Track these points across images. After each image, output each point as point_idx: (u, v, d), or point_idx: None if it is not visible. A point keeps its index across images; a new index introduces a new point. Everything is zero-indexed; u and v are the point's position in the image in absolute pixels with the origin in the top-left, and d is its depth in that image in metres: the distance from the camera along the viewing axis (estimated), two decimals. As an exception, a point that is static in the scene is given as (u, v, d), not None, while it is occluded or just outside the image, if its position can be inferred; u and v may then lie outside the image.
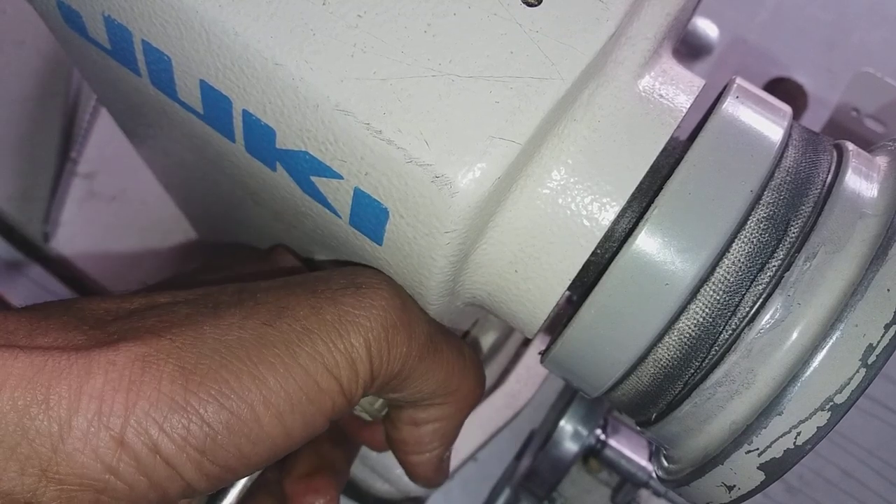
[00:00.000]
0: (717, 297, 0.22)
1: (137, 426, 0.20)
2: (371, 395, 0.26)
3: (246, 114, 0.23)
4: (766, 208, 0.23)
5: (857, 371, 0.21)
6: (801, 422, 0.22)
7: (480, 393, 0.28)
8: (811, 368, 0.21)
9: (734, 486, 0.23)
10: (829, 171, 0.24)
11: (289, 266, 0.30)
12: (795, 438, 0.22)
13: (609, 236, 0.23)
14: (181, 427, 0.21)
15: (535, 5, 0.22)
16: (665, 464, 0.27)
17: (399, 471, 0.30)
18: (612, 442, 0.50)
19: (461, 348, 0.27)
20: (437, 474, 0.30)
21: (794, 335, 0.22)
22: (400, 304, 0.24)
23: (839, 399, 0.21)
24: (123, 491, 0.21)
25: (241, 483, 0.27)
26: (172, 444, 0.21)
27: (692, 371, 0.23)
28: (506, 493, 0.53)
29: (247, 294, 0.24)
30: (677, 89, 0.24)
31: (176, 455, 0.21)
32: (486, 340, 0.48)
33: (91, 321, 0.23)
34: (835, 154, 0.25)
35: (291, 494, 0.30)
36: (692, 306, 0.23)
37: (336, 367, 0.23)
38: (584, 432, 0.49)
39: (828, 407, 0.21)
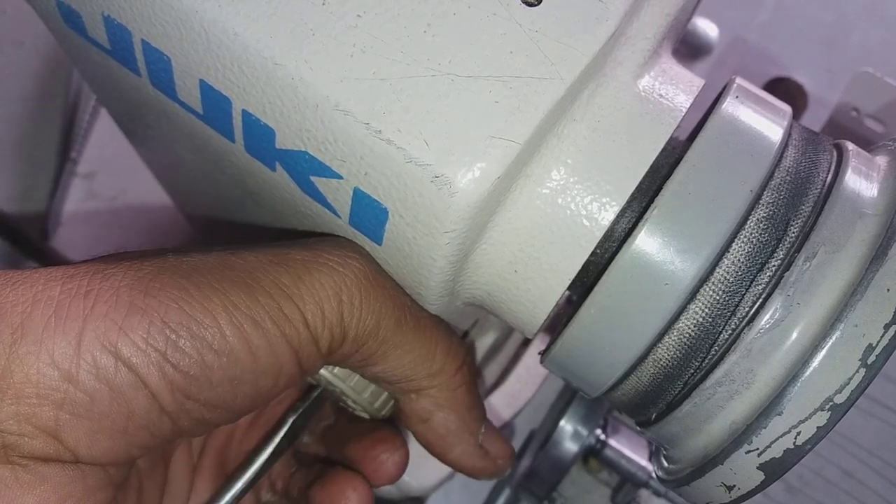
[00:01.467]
0: (717, 297, 0.22)
1: (95, 328, 0.19)
2: (350, 364, 0.25)
3: (245, 114, 0.23)
4: (766, 208, 0.23)
5: (857, 371, 0.21)
6: (801, 422, 0.22)
7: (470, 370, 0.28)
8: (811, 368, 0.21)
9: (734, 486, 0.23)
10: (829, 171, 0.24)
11: None
12: (795, 438, 0.22)
13: (609, 236, 0.23)
14: (141, 328, 0.20)
15: (535, 5, 0.22)
16: (665, 464, 0.27)
17: (399, 471, 0.29)
18: (612, 442, 0.50)
19: (448, 331, 0.27)
20: (486, 460, 0.28)
21: (794, 335, 0.22)
22: (375, 266, 0.24)
23: (839, 399, 0.21)
24: (84, 403, 0.19)
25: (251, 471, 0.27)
26: (132, 345, 0.20)
27: (692, 371, 0.23)
28: (506, 493, 0.53)
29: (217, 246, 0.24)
30: (677, 89, 0.24)
31: (137, 356, 0.20)
32: (486, 340, 0.48)
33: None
34: (835, 154, 0.25)
35: (358, 458, 0.28)
36: (692, 306, 0.23)
37: (301, 299, 0.22)
38: (584, 432, 0.49)
39: (828, 407, 0.21)
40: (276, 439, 0.27)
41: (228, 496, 0.27)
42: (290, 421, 0.28)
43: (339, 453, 0.30)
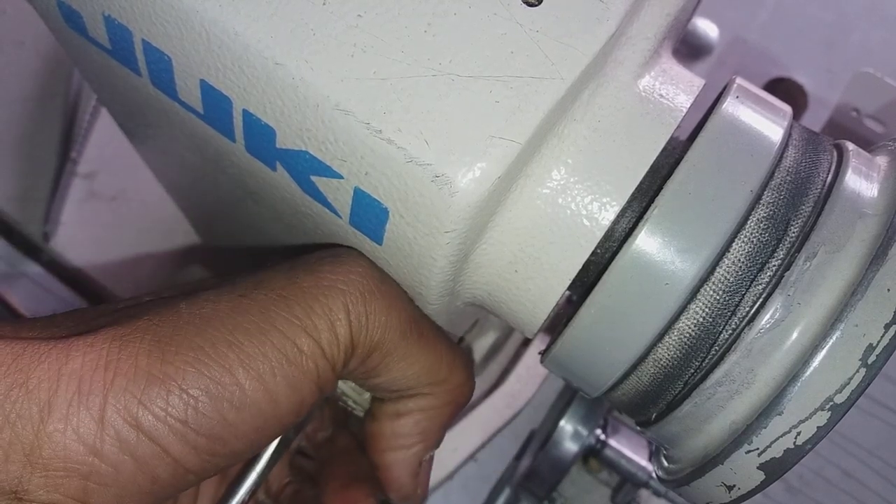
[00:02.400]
0: (717, 297, 0.22)
1: (116, 403, 0.20)
2: (353, 376, 0.25)
3: (246, 113, 0.23)
4: (766, 208, 0.23)
5: (857, 371, 0.21)
6: (801, 422, 0.22)
7: (469, 392, 0.28)
8: (811, 368, 0.21)
9: (734, 485, 0.23)
10: (829, 171, 0.24)
11: None
12: (795, 438, 0.22)
13: (609, 236, 0.23)
14: (160, 399, 0.21)
15: (535, 5, 0.22)
16: (665, 464, 0.27)
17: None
18: (612, 442, 0.50)
19: (453, 343, 0.27)
20: (414, 483, 0.28)
21: (794, 335, 0.22)
22: (378, 275, 0.24)
23: (839, 399, 0.21)
24: (109, 474, 0.20)
25: (251, 480, 0.27)
26: (153, 417, 0.20)
27: (692, 371, 0.23)
28: (506, 493, 0.53)
29: (225, 279, 0.24)
30: (677, 89, 0.24)
31: (158, 427, 0.20)
32: (486, 340, 0.48)
33: (75, 319, 0.23)
34: (835, 154, 0.25)
35: None
36: (692, 306, 0.23)
37: (315, 329, 0.23)
38: (584, 432, 0.49)
39: (828, 407, 0.21)
40: (274, 444, 0.27)
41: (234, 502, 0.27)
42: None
43: (323, 483, 0.30)
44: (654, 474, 0.49)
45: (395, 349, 0.25)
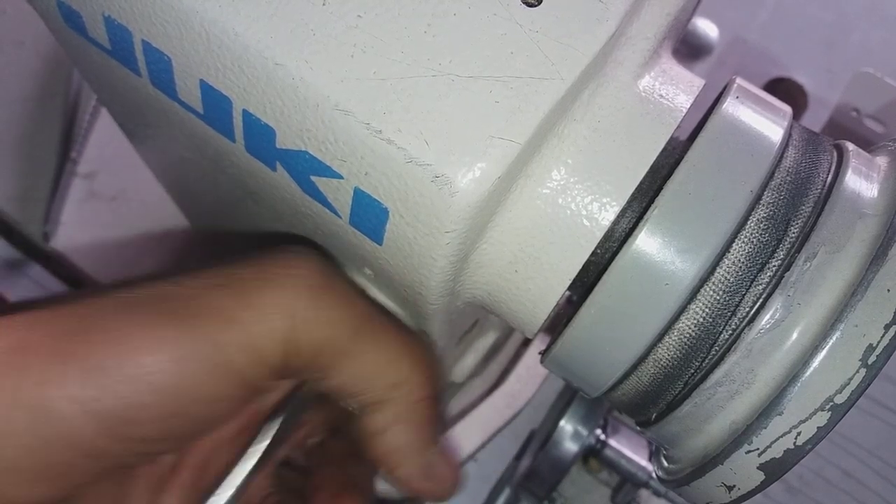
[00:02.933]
0: (717, 297, 0.22)
1: (28, 383, 0.20)
2: (303, 376, 0.25)
3: (246, 114, 0.23)
4: (766, 208, 0.23)
5: (857, 371, 0.21)
6: (802, 422, 0.22)
7: (436, 381, 0.27)
8: (811, 368, 0.21)
9: (734, 486, 0.23)
10: (829, 172, 0.24)
11: None
12: (795, 438, 0.22)
13: (609, 236, 0.23)
14: (73, 377, 0.20)
15: (535, 5, 0.22)
16: (665, 464, 0.27)
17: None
18: (612, 442, 0.50)
19: (413, 337, 0.26)
20: (433, 484, 0.27)
21: (794, 335, 0.22)
22: (328, 271, 0.24)
23: (839, 399, 0.21)
24: (20, 456, 0.20)
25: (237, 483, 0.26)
26: (66, 398, 0.20)
27: (692, 371, 0.23)
28: (506, 493, 0.53)
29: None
30: (677, 89, 0.24)
31: (70, 407, 0.20)
32: (486, 340, 0.48)
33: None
34: (835, 154, 0.25)
35: None
36: (692, 306, 0.23)
37: (242, 321, 0.22)
38: (584, 432, 0.49)
39: (828, 407, 0.21)
40: (257, 455, 0.26)
41: None
42: (270, 434, 0.26)
43: (311, 492, 0.29)
44: (654, 474, 0.49)
45: (348, 347, 0.24)
